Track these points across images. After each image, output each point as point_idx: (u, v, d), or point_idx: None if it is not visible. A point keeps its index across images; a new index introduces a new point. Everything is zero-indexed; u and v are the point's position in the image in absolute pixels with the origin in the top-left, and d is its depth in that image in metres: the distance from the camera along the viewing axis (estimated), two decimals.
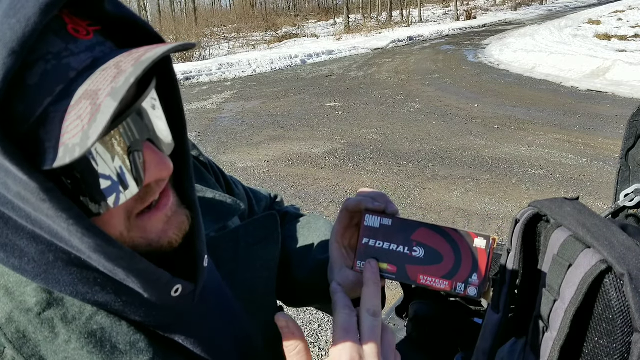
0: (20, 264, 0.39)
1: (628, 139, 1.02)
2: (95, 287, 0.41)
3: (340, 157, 5.37)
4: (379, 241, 0.53)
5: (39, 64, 0.33)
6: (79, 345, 0.40)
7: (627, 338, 0.55)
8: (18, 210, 0.36)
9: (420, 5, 31.80)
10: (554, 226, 0.69)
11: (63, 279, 0.40)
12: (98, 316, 0.42)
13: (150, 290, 0.42)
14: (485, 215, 3.77)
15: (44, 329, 0.40)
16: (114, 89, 0.31)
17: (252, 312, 0.58)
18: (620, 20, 15.17)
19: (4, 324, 0.40)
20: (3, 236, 0.38)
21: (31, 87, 0.33)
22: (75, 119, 0.32)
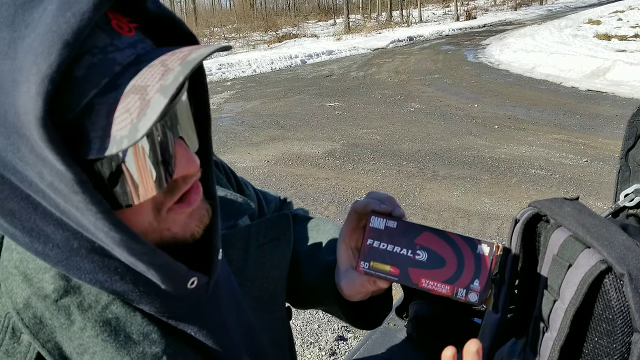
0: (43, 249, 0.40)
1: (628, 139, 1.02)
2: (114, 276, 0.42)
3: (340, 157, 5.37)
4: (383, 243, 0.54)
5: (86, 57, 0.34)
6: (94, 333, 0.41)
7: (627, 338, 0.55)
8: (48, 199, 0.37)
9: (420, 5, 31.80)
10: (553, 226, 0.69)
11: (84, 266, 0.41)
12: (113, 305, 0.43)
13: (168, 283, 0.42)
14: (485, 215, 3.77)
15: (60, 315, 0.41)
16: (163, 86, 0.33)
17: (260, 311, 0.59)
18: (620, 20, 15.17)
19: (22, 309, 0.41)
20: (30, 221, 0.39)
21: (78, 79, 0.34)
22: (123, 112, 0.33)
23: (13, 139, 0.33)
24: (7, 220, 0.39)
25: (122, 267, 0.42)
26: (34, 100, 0.31)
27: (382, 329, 1.30)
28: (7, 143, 0.34)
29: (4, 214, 0.38)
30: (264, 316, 0.59)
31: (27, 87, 0.31)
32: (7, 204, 0.38)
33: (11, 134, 0.33)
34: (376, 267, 0.54)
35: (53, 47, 0.31)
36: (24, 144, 0.33)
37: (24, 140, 0.33)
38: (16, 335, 0.41)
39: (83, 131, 0.34)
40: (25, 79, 0.31)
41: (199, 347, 0.49)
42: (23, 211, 0.38)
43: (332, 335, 2.55)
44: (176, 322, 0.47)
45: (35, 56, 0.31)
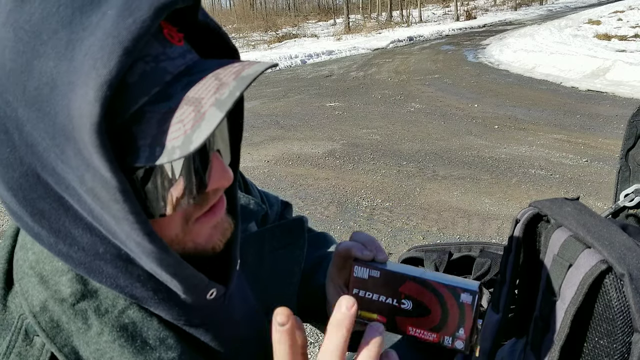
0: (68, 251, 0.40)
1: (628, 139, 1.02)
2: (136, 283, 0.42)
3: (340, 157, 5.37)
4: (369, 292, 0.54)
5: (139, 64, 0.34)
6: (111, 338, 0.41)
7: (627, 338, 0.55)
8: (83, 204, 0.36)
9: (420, 5, 31.80)
10: (554, 226, 0.69)
11: (107, 271, 0.41)
12: (130, 310, 0.43)
13: (189, 293, 0.42)
14: (485, 215, 3.77)
15: (77, 320, 0.41)
16: (219, 100, 0.33)
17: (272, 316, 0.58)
18: (620, 20, 15.17)
19: (38, 312, 0.40)
20: (59, 222, 0.38)
21: (129, 85, 0.34)
22: (176, 123, 0.33)
23: (59, 141, 0.33)
24: (35, 219, 0.38)
25: (145, 274, 0.42)
26: (91, 105, 0.31)
27: None
28: (52, 144, 0.33)
29: (33, 213, 0.38)
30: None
31: (84, 91, 0.31)
32: (38, 204, 0.38)
33: (58, 135, 0.33)
34: (363, 316, 0.55)
35: (113, 53, 0.31)
36: (70, 147, 0.33)
37: (71, 144, 0.32)
38: (29, 338, 0.41)
39: (131, 138, 0.34)
40: (83, 82, 0.31)
41: (212, 355, 0.49)
42: (53, 212, 0.38)
43: None
44: (191, 329, 0.47)
45: (94, 60, 0.31)
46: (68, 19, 0.32)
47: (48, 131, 0.33)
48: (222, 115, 0.32)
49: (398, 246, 3.40)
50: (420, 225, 3.70)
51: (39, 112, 0.32)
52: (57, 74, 0.32)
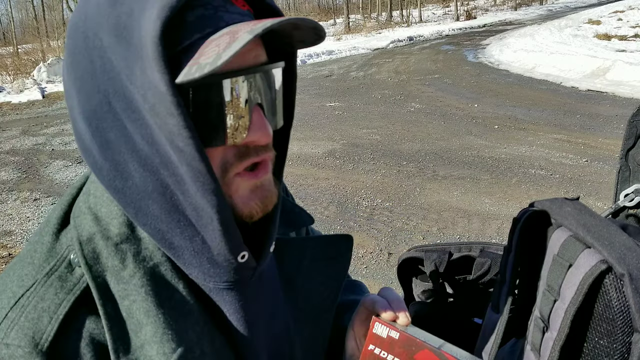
0: (123, 186, 0.44)
1: (628, 139, 1.02)
2: (176, 229, 0.44)
3: (340, 157, 5.37)
4: (384, 351, 0.54)
5: (200, 9, 0.40)
6: (140, 283, 0.44)
7: (627, 338, 0.55)
8: (144, 127, 0.40)
9: (420, 5, 31.80)
10: (554, 226, 0.69)
11: (153, 212, 0.44)
12: (163, 267, 0.46)
13: (223, 243, 0.44)
14: (485, 215, 3.77)
15: (115, 258, 0.44)
16: (253, 29, 0.38)
17: (300, 322, 0.58)
18: (620, 20, 15.17)
19: (85, 242, 0.45)
20: (120, 155, 0.42)
21: (188, 23, 0.40)
22: (213, 47, 0.39)
23: (130, 62, 0.38)
24: (101, 150, 0.43)
25: (185, 221, 0.44)
26: (153, 22, 0.37)
27: None
28: (124, 65, 0.39)
29: (101, 143, 0.43)
30: (303, 329, 0.59)
31: (150, 12, 0.37)
32: (107, 134, 0.42)
33: (130, 56, 0.38)
34: None
35: None
36: (138, 66, 0.38)
37: (139, 62, 0.38)
38: (71, 267, 0.45)
39: (179, 62, 0.40)
40: (151, 5, 0.38)
41: (228, 333, 0.50)
42: (117, 143, 0.42)
43: None
44: (216, 296, 0.49)
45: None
46: None
47: (123, 54, 0.39)
48: (251, 36, 0.37)
49: (398, 246, 3.40)
50: (420, 225, 3.70)
51: (117, 37, 0.39)
52: (134, 2, 0.39)
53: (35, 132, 7.39)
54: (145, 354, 0.43)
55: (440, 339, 0.55)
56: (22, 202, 4.66)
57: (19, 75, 13.22)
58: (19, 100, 10.37)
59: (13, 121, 8.39)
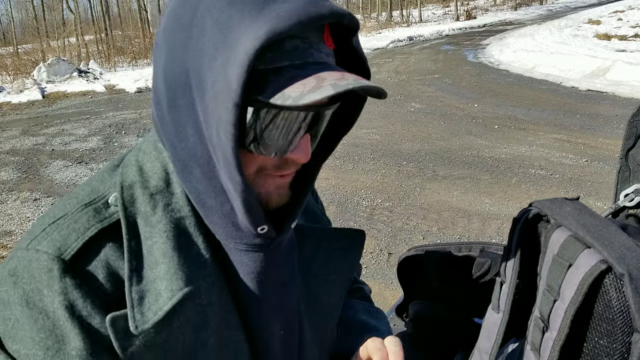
0: (178, 144, 0.51)
1: (628, 139, 1.02)
2: (211, 192, 0.51)
3: (340, 157, 5.37)
4: None
5: (297, 40, 0.46)
6: (164, 228, 0.51)
7: (627, 338, 0.55)
8: (203, 109, 0.47)
9: (420, 5, 31.79)
10: (554, 226, 0.69)
11: (195, 172, 0.51)
12: (188, 220, 0.52)
13: (245, 216, 0.51)
14: (485, 215, 3.77)
15: (148, 204, 0.51)
16: (336, 84, 0.44)
17: (312, 308, 0.64)
18: (620, 20, 15.17)
19: (126, 187, 0.52)
20: (183, 117, 0.49)
21: (284, 49, 0.45)
22: (300, 84, 0.44)
23: (218, 53, 0.44)
24: (170, 108, 0.50)
25: (220, 187, 0.51)
26: (255, 40, 0.42)
27: None
28: (212, 51, 0.45)
29: (170, 103, 0.50)
30: (314, 314, 0.64)
31: (257, 31, 0.42)
32: (178, 97, 0.49)
33: (221, 48, 0.44)
34: None
35: (289, 20, 0.43)
36: (222, 58, 0.44)
37: (224, 56, 0.44)
38: (108, 204, 0.52)
39: (265, 81, 0.45)
40: (259, 26, 0.43)
41: (238, 292, 0.55)
42: (184, 108, 0.49)
43: None
44: (234, 256, 0.55)
45: (277, 15, 0.43)
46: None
47: (216, 43, 0.44)
48: (333, 92, 0.43)
49: (398, 246, 3.40)
50: (420, 225, 3.70)
51: (219, 29, 0.45)
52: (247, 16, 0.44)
53: (35, 132, 7.39)
54: (156, 287, 0.49)
55: None
56: (22, 202, 4.66)
57: (19, 75, 13.22)
58: (19, 100, 10.37)
59: (13, 121, 8.39)
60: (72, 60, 16.00)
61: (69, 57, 17.40)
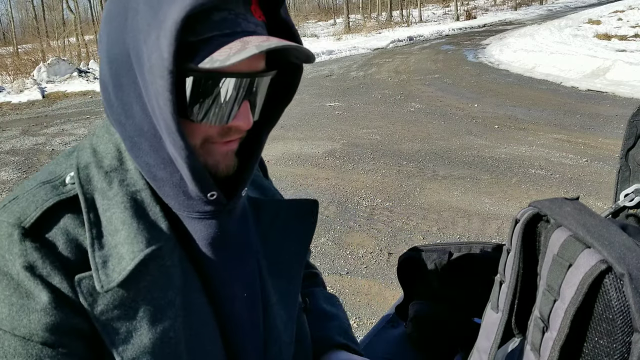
0: (125, 122, 0.54)
1: (628, 139, 1.02)
2: (160, 164, 0.54)
3: (340, 157, 5.37)
4: None
5: (224, 12, 0.50)
6: (121, 200, 0.54)
7: (627, 338, 0.55)
8: (144, 81, 0.50)
9: (420, 5, 31.79)
10: (554, 226, 0.69)
11: (143, 147, 0.54)
12: (144, 192, 0.55)
13: (194, 184, 0.54)
14: (485, 215, 3.77)
15: (104, 181, 0.55)
16: (260, 45, 0.48)
17: (275, 275, 0.67)
18: (620, 20, 15.17)
19: (82, 168, 0.55)
20: (129, 97, 0.52)
21: (212, 21, 0.49)
22: (227, 48, 0.48)
23: (151, 28, 0.47)
24: (115, 90, 0.53)
25: (168, 158, 0.54)
26: (182, 8, 0.46)
27: (382, 329, 1.30)
28: (146, 29, 0.48)
29: (115, 84, 0.53)
30: (278, 280, 0.68)
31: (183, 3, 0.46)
32: (122, 78, 0.52)
33: (153, 24, 0.47)
34: None
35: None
36: (155, 33, 0.47)
37: (157, 31, 0.47)
38: (65, 184, 0.55)
39: (196, 50, 0.49)
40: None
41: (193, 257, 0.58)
42: (128, 87, 0.52)
43: None
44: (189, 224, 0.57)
45: None
46: None
47: (148, 20, 0.48)
48: (256, 51, 0.47)
49: (398, 246, 3.40)
50: (420, 225, 3.70)
51: (150, 7, 0.48)
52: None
53: (35, 132, 7.39)
54: (118, 251, 0.52)
55: None
56: None
57: (19, 75, 13.21)
58: (19, 100, 10.37)
59: (13, 121, 8.39)
60: (72, 60, 16.00)
61: (69, 57, 17.40)
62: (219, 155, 0.56)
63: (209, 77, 0.50)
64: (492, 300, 0.83)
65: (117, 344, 0.51)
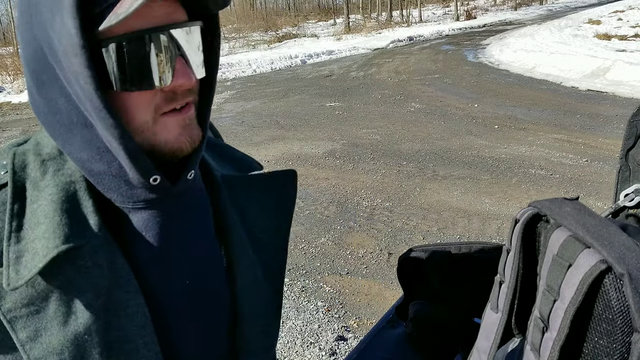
0: (52, 120, 0.52)
1: (628, 139, 1.02)
2: (96, 155, 0.52)
3: (340, 157, 5.37)
4: None
5: None
6: (50, 192, 0.52)
7: (626, 338, 0.55)
8: (61, 68, 0.48)
9: (420, 5, 31.79)
10: (553, 226, 0.69)
11: (75, 142, 0.52)
12: (78, 184, 0.53)
13: (133, 170, 0.52)
14: (485, 215, 3.77)
15: (38, 170, 0.53)
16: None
17: (258, 251, 0.66)
18: (620, 20, 15.17)
19: (19, 154, 0.54)
20: (51, 92, 0.51)
21: None
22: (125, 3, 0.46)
23: (54, 13, 0.46)
24: (38, 90, 0.52)
25: (104, 148, 0.51)
26: None
27: (382, 329, 1.30)
28: (50, 17, 0.46)
29: (37, 84, 0.51)
30: (262, 253, 0.66)
31: None
32: (41, 75, 0.51)
33: (54, 7, 0.46)
34: None
35: None
36: (58, 16, 0.46)
37: (60, 14, 0.45)
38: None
39: (103, 17, 0.47)
40: None
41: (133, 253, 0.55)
42: (49, 82, 0.50)
43: (332, 335, 2.55)
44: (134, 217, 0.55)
45: None
46: None
47: (49, 6, 0.46)
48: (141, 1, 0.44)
49: (398, 246, 3.40)
50: (420, 225, 3.70)
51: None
52: None
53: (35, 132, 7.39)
54: (34, 246, 0.49)
55: None
56: None
57: (19, 75, 13.21)
58: (19, 100, 10.37)
59: (13, 121, 8.39)
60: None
61: None
62: (177, 128, 0.53)
63: (127, 39, 0.48)
64: (491, 301, 0.83)
65: (23, 342, 0.49)
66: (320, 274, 3.13)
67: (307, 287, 2.99)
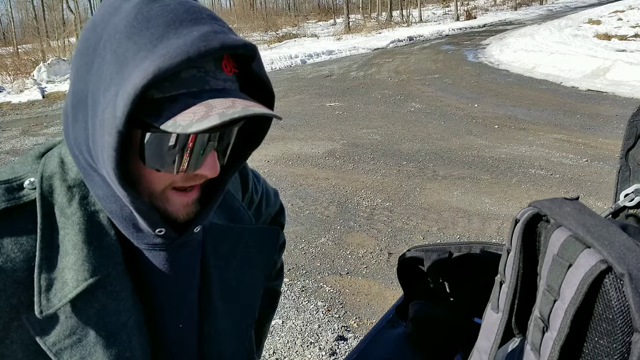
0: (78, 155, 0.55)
1: (628, 139, 1.02)
2: (111, 198, 0.55)
3: (340, 157, 5.37)
4: None
5: (193, 70, 0.50)
6: (77, 220, 0.54)
7: (627, 338, 0.55)
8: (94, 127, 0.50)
9: (420, 5, 31.79)
10: (554, 226, 0.69)
11: (95, 181, 0.55)
12: (102, 214, 0.56)
13: (142, 220, 0.55)
14: (485, 215, 3.77)
15: (65, 196, 0.55)
16: (223, 113, 0.47)
17: (230, 300, 0.70)
18: (620, 20, 15.17)
19: (46, 178, 0.56)
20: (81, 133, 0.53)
21: (180, 78, 0.49)
22: (190, 113, 0.48)
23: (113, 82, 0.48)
24: (73, 121, 0.54)
25: (118, 196, 0.55)
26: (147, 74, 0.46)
27: (382, 329, 1.30)
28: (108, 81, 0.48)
29: (73, 115, 0.54)
30: (232, 306, 0.70)
31: (149, 64, 0.46)
32: (78, 113, 0.53)
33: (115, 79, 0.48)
34: None
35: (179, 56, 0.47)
36: (114, 89, 0.48)
37: (117, 87, 0.47)
38: (22, 188, 0.55)
39: (161, 108, 0.49)
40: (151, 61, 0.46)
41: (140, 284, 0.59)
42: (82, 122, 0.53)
43: (332, 335, 2.55)
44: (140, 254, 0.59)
45: (166, 51, 0.47)
46: (167, 23, 0.49)
47: (112, 74, 0.48)
48: (219, 121, 0.46)
49: (398, 246, 3.40)
50: (420, 225, 3.70)
51: (117, 60, 0.48)
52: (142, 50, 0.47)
53: (35, 132, 7.39)
54: (63, 276, 0.52)
55: None
56: None
57: (19, 75, 13.21)
58: (19, 100, 10.37)
59: (13, 121, 8.39)
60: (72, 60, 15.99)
61: (69, 57, 17.39)
62: (179, 205, 0.57)
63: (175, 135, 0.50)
64: (492, 301, 0.83)
65: None
66: (320, 273, 3.14)
67: (307, 287, 2.99)
